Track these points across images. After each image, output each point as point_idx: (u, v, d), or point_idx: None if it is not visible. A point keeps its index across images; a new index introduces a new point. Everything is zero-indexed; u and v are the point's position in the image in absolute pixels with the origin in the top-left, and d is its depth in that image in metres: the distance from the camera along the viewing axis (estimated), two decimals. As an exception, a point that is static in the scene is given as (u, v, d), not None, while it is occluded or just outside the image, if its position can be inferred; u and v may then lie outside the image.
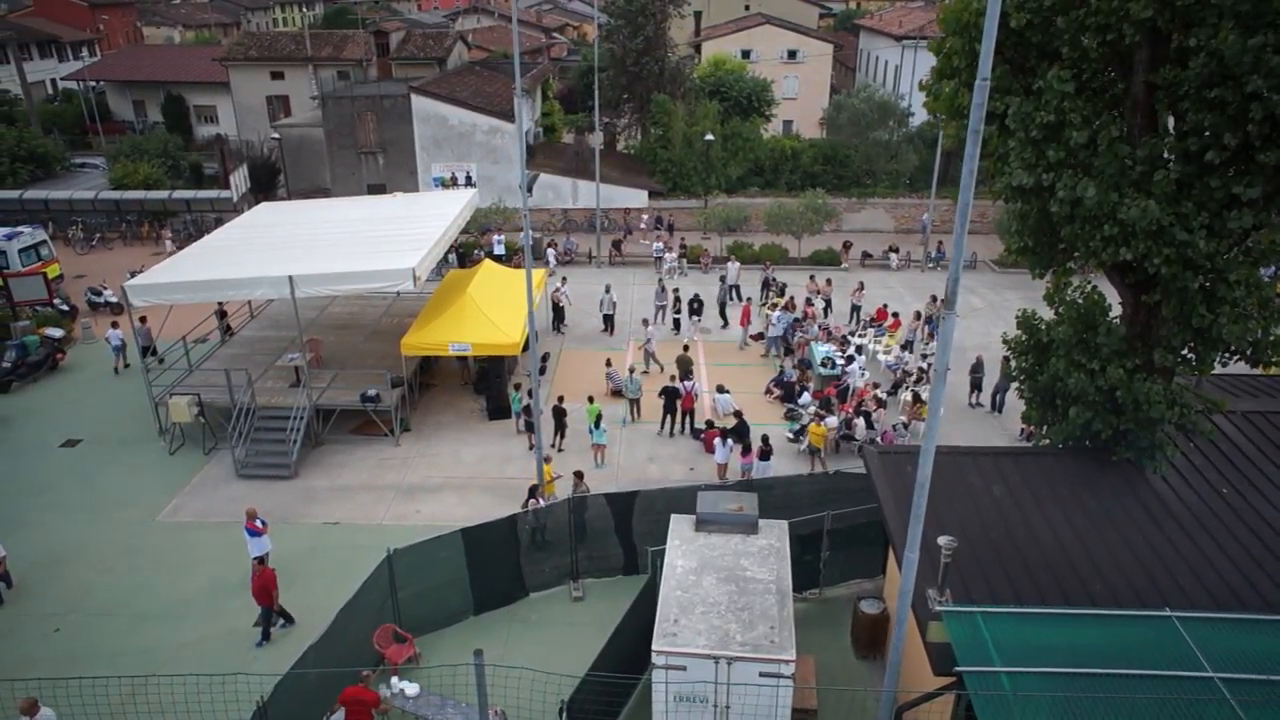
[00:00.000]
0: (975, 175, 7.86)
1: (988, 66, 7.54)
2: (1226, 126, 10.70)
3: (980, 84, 7.55)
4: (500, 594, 15.48)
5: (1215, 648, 9.75)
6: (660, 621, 11.58)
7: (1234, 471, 13.54)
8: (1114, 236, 11.88)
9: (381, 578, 13.97)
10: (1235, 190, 10.92)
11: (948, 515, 12.77)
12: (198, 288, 19.67)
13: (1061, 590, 11.45)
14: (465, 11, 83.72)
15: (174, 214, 37.71)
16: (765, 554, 12.86)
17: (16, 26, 75.34)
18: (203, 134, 55.44)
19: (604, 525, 15.83)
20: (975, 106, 7.58)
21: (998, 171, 13.25)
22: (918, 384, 22.63)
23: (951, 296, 8.40)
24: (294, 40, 46.24)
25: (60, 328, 26.26)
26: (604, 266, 34.50)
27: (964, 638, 10.06)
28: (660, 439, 21.35)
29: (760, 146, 38.95)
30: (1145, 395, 12.54)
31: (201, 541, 17.21)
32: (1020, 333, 14.65)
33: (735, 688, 11.16)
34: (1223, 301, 11.89)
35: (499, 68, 45.88)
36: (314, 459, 20.36)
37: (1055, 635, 10.14)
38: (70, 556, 16.84)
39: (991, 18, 7.37)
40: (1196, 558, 11.94)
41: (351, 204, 27.61)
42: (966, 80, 13.16)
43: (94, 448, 21.01)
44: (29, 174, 41.65)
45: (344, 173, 37.83)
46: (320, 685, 12.25)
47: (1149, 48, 11.74)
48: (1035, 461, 13.94)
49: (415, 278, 19.17)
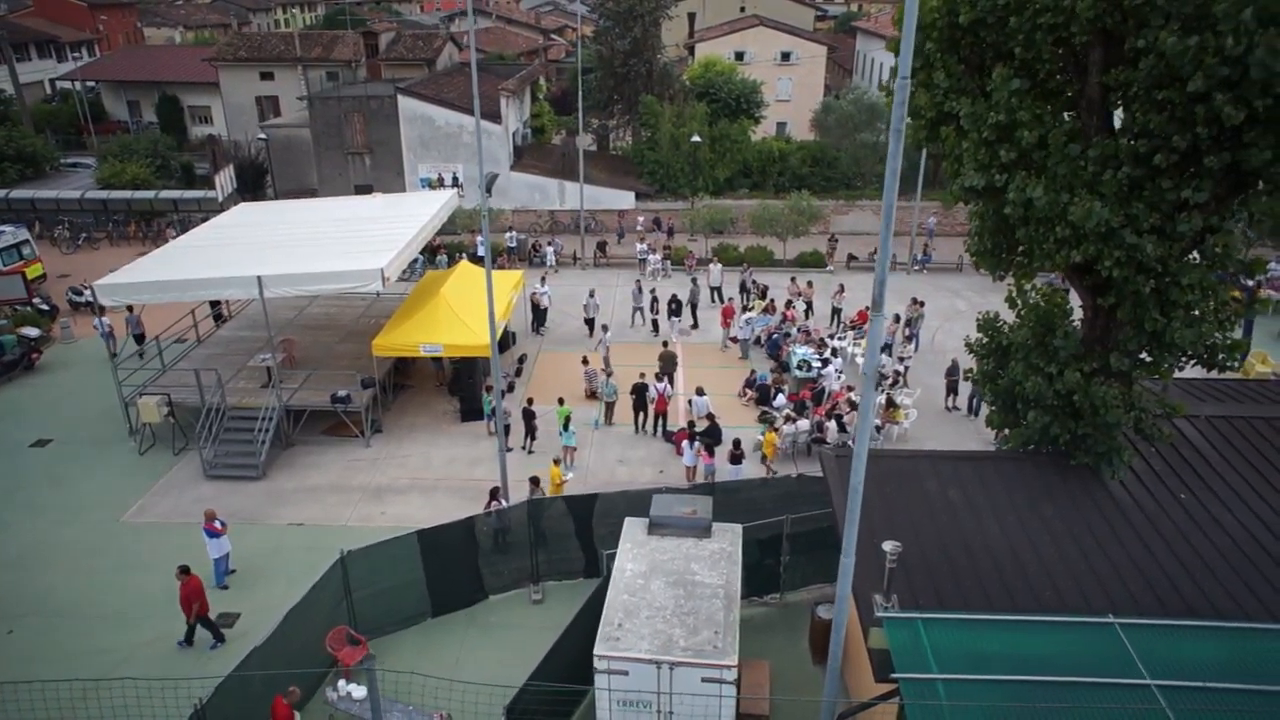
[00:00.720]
0: (898, 175, 7.77)
1: (907, 65, 7.45)
2: (1175, 129, 10.58)
3: (900, 82, 7.46)
4: (459, 596, 15.40)
5: (1155, 655, 9.63)
6: (604, 625, 11.51)
7: (1194, 477, 13.40)
8: (1066, 238, 11.77)
9: (334, 580, 13.91)
10: (1184, 193, 10.80)
11: (902, 520, 12.66)
12: (167, 287, 19.63)
13: (1010, 597, 11.33)
14: (463, 13, 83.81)
15: (161, 214, 37.70)
16: (716, 558, 12.76)
17: (15, 26, 75.60)
18: (197, 134, 55.54)
19: (564, 528, 15.74)
20: (896, 105, 7.49)
21: (954, 173, 13.15)
22: (893, 387, 22.50)
23: (878, 299, 8.30)
24: (284, 41, 46.30)
25: (38, 327, 26.25)
26: (589, 268, 34.42)
27: (902, 644, 9.94)
28: (631, 441, 21.26)
29: (749, 148, 38.86)
30: (1101, 399, 12.42)
31: (164, 543, 17.13)
32: (981, 335, 14.56)
33: (680, 693, 11.07)
34: (1175, 305, 11.78)
35: (490, 69, 45.85)
36: (284, 460, 20.30)
37: (996, 642, 10.02)
38: (32, 557, 16.80)
39: (910, 13, 7.27)
40: (1150, 565, 11.81)
41: (329, 204, 27.59)
42: (922, 80, 13.08)
43: (64, 448, 20.98)
44: (18, 173, 41.72)
45: (331, 174, 37.83)
46: (264, 688, 12.17)
47: (1102, 48, 11.64)
48: (994, 466, 13.81)
49: (384, 278, 19.11)
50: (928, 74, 12.90)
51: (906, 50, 7.35)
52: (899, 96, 7.43)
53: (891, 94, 13.73)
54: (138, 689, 11.91)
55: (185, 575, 14.24)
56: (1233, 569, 11.68)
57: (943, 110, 12.87)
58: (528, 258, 34.64)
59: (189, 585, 14.21)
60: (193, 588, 14.24)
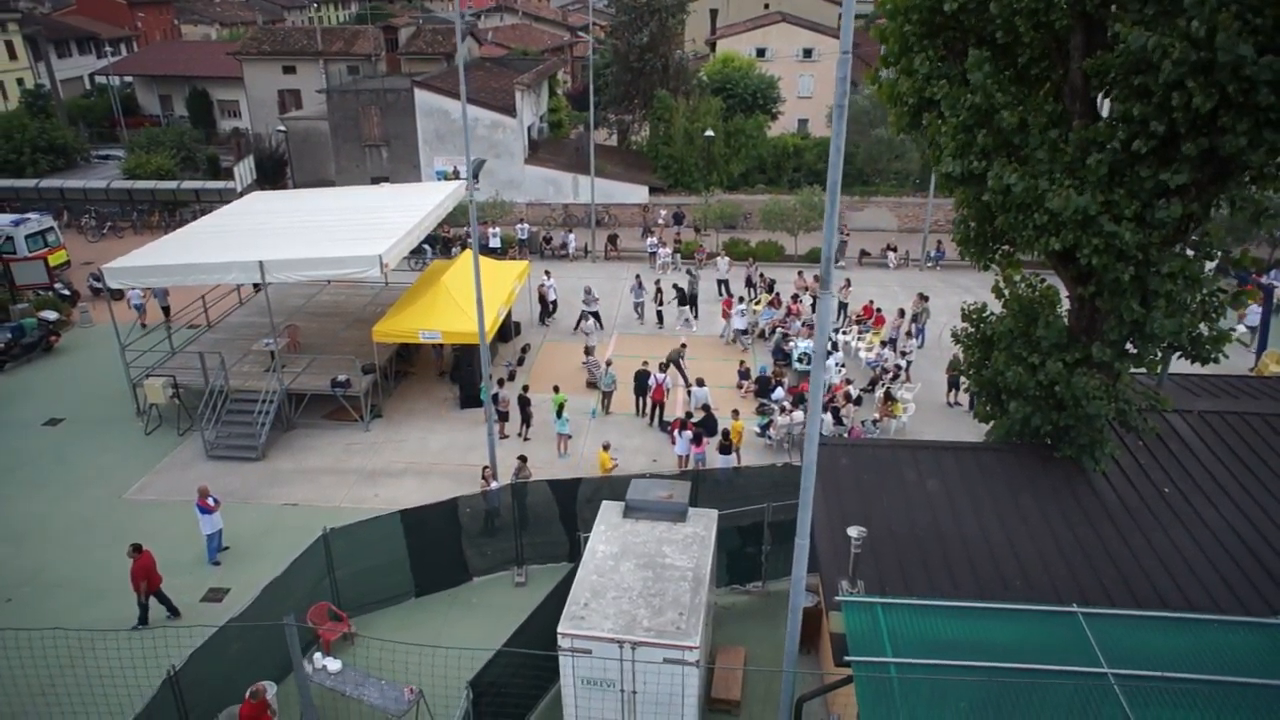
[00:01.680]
0: (842, 152, 7.74)
1: (848, 40, 7.41)
2: (1153, 114, 10.41)
3: (842, 57, 7.43)
4: (442, 577, 15.57)
5: (1115, 644, 9.50)
6: (570, 604, 11.58)
7: (1180, 472, 13.18)
8: (1045, 225, 11.63)
9: (317, 557, 14.13)
10: (1163, 179, 10.63)
11: (876, 508, 12.61)
12: (172, 271, 20.08)
13: (980, 586, 11.26)
14: (491, 10, 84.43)
15: (184, 204, 38.45)
16: (689, 542, 12.79)
17: (58, 24, 77.68)
18: (226, 128, 56.55)
19: (548, 512, 15.85)
20: (839, 80, 7.47)
21: (936, 159, 13.03)
22: (894, 381, 22.33)
23: (825, 276, 8.29)
24: (306, 35, 46.97)
25: (58, 311, 26.92)
26: (599, 261, 34.53)
27: (859, 628, 9.88)
28: (627, 431, 21.33)
29: (763, 144, 38.71)
30: (1083, 390, 12.25)
31: (162, 519, 17.52)
32: (967, 325, 14.43)
33: (641, 673, 11.12)
34: (1156, 294, 11.59)
35: (509, 64, 46.16)
36: (284, 442, 20.65)
37: (955, 628, 9.92)
38: (34, 531, 17.26)
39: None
40: (1125, 557, 11.66)
41: (338, 194, 28.00)
42: (904, 67, 12.99)
43: (75, 427, 21.52)
44: (49, 164, 42.81)
45: (348, 165, 38.32)
46: (239, 658, 12.42)
47: (1083, 34, 11.48)
48: (975, 457, 13.68)
49: (382, 265, 19.36)
50: (909, 60, 12.80)
51: (848, 23, 7.32)
52: (840, 73, 7.42)
53: (879, 84, 13.76)
54: (132, 648, 12.34)
55: (136, 553, 14.41)
56: (1210, 563, 11.50)
57: (924, 96, 12.76)
58: (539, 250, 34.84)
59: (139, 562, 14.38)
60: (142, 564, 14.40)
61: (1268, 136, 9.82)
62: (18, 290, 28.44)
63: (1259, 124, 9.78)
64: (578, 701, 11.54)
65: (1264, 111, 9.65)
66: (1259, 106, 9.59)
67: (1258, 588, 11.07)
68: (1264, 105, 9.53)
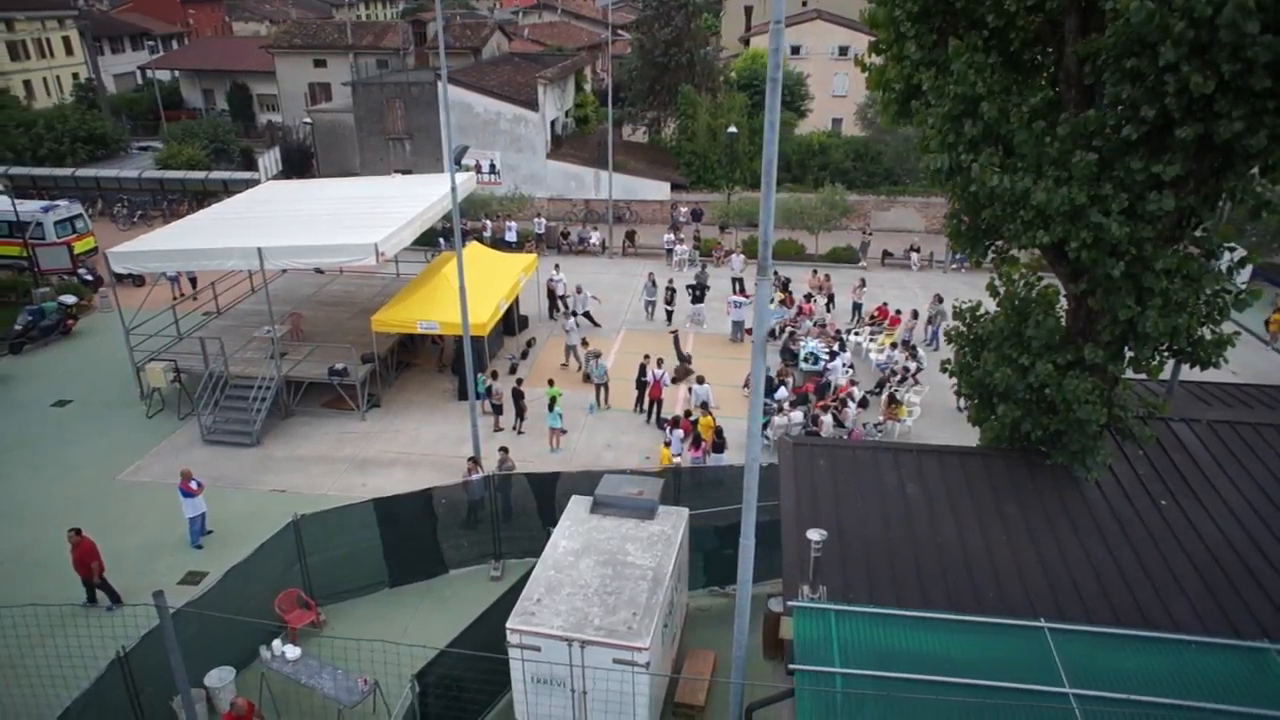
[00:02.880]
0: (777, 129, 7.29)
1: (781, 9, 6.97)
2: (1144, 99, 9.75)
3: (775, 28, 6.99)
4: (417, 568, 15.38)
5: (1081, 663, 8.90)
6: (522, 600, 11.30)
7: (1180, 483, 12.41)
8: (1032, 220, 11.01)
9: (286, 543, 14.02)
10: (1155, 169, 9.96)
11: (849, 512, 12.09)
12: (175, 256, 20.27)
13: (949, 597, 10.69)
14: (531, 8, 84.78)
15: (213, 194, 39.05)
16: (653, 541, 12.40)
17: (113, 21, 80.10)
18: (263, 121, 57.57)
19: (526, 505, 15.57)
20: (771, 52, 7.02)
21: (925, 149, 12.46)
22: (901, 384, 21.64)
23: (763, 262, 7.85)
24: (337, 29, 47.48)
25: (78, 296, 27.43)
26: (616, 257, 34.23)
27: (808, 635, 9.41)
28: (623, 427, 21.02)
29: (788, 141, 38.05)
30: (1074, 394, 11.59)
31: (150, 502, 17.63)
32: (958, 324, 13.80)
33: (592, 673, 10.77)
34: (1152, 293, 10.89)
35: (540, 60, 46.11)
36: (281, 429, 20.69)
37: (912, 640, 9.39)
38: (25, 509, 17.48)
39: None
40: (1110, 571, 10.98)
41: (347, 184, 28.11)
42: (894, 54, 12.46)
43: (81, 409, 21.84)
44: (88, 154, 43.90)
45: (372, 158, 38.57)
46: (196, 641, 12.30)
47: (1077, 15, 10.84)
48: (960, 462, 13.04)
49: (378, 253, 19.28)
50: (899, 45, 12.26)
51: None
52: (772, 44, 6.97)
53: (867, 70, 13.23)
54: (90, 630, 12.37)
55: (77, 537, 14.41)
56: (1202, 580, 10.78)
57: (912, 84, 12.21)
58: (557, 244, 34.65)
59: (81, 547, 14.38)
60: (85, 549, 14.41)
61: (1268, 121, 9.13)
62: (42, 274, 29.07)
63: (1256, 110, 9.09)
64: (528, 700, 11.23)
65: (1260, 97, 8.97)
66: (1255, 91, 8.91)
67: (1251, 608, 10.33)
68: (1259, 90, 8.85)
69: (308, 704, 12.44)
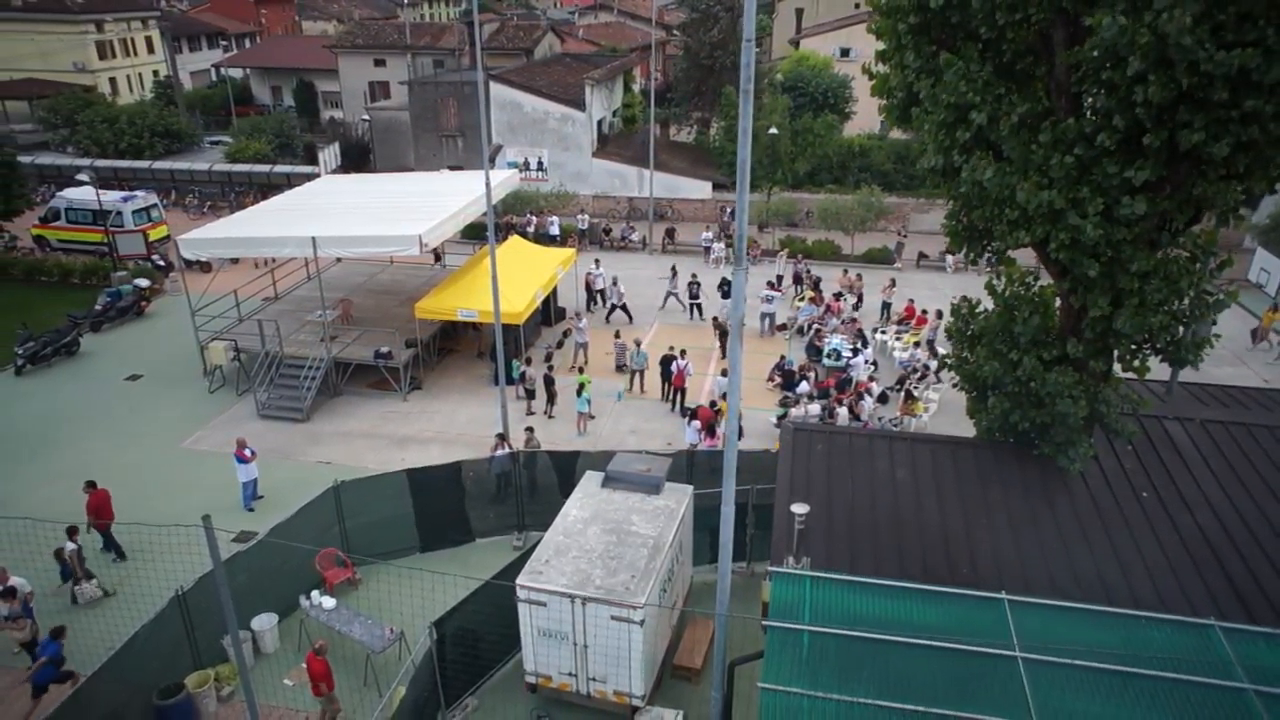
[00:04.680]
0: (750, 134, 8.20)
1: (751, 28, 7.88)
2: (1117, 108, 10.40)
3: (746, 44, 7.91)
4: (446, 536, 16.60)
5: (1035, 631, 9.58)
6: (532, 560, 12.38)
7: (1164, 477, 12.95)
8: (1016, 220, 11.70)
9: (327, 506, 15.36)
10: (1127, 174, 10.59)
11: (840, 492, 12.90)
12: (236, 244, 21.95)
13: (926, 572, 11.43)
14: (587, 9, 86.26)
15: (276, 186, 41.20)
16: (657, 513, 13.37)
17: (191, 21, 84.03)
18: (327, 117, 60.07)
19: (547, 481, 16.67)
20: (743, 66, 7.95)
21: (922, 152, 13.19)
22: (920, 381, 22.21)
23: (739, 252, 8.76)
24: (396, 30, 49.42)
25: (151, 280, 29.52)
26: (655, 253, 35.23)
27: (784, 598, 10.28)
28: (648, 414, 22.03)
29: (830, 143, 38.57)
30: (1055, 388, 12.23)
31: (208, 468, 19.24)
32: (955, 320, 14.47)
33: (593, 628, 11.80)
34: (1128, 293, 11.49)
35: (591, 60, 47.36)
36: (329, 407, 22.21)
37: (878, 606, 10.17)
38: (98, 470, 19.14)
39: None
40: (1083, 555, 11.63)
41: (399, 179, 29.67)
42: (896, 62, 13.20)
43: (150, 383, 23.71)
44: (164, 147, 46.61)
45: (426, 154, 40.24)
46: (247, 586, 13.68)
47: (1063, 28, 11.49)
48: (951, 451, 13.74)
49: (421, 244, 20.61)
50: (900, 55, 13.00)
51: (750, 12, 7.80)
52: (745, 59, 7.89)
53: (870, 74, 13.98)
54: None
55: (91, 489, 15.84)
56: (1171, 568, 11.36)
57: (913, 91, 12.95)
58: (599, 240, 35.80)
59: (94, 498, 15.78)
60: (95, 500, 15.80)
61: (1232, 130, 9.71)
62: (120, 260, 31.28)
63: (1218, 119, 9.68)
64: (535, 651, 12.32)
65: (1221, 108, 9.56)
66: (1215, 102, 9.51)
67: (1215, 596, 10.89)
68: (1218, 101, 9.45)
69: (341, 649, 13.72)
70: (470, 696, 13.02)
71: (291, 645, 14.17)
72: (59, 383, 23.74)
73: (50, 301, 28.92)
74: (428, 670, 11.96)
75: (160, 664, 12.35)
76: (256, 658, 13.80)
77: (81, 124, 46.14)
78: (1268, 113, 9.42)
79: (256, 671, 13.52)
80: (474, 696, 13.07)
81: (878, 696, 9.00)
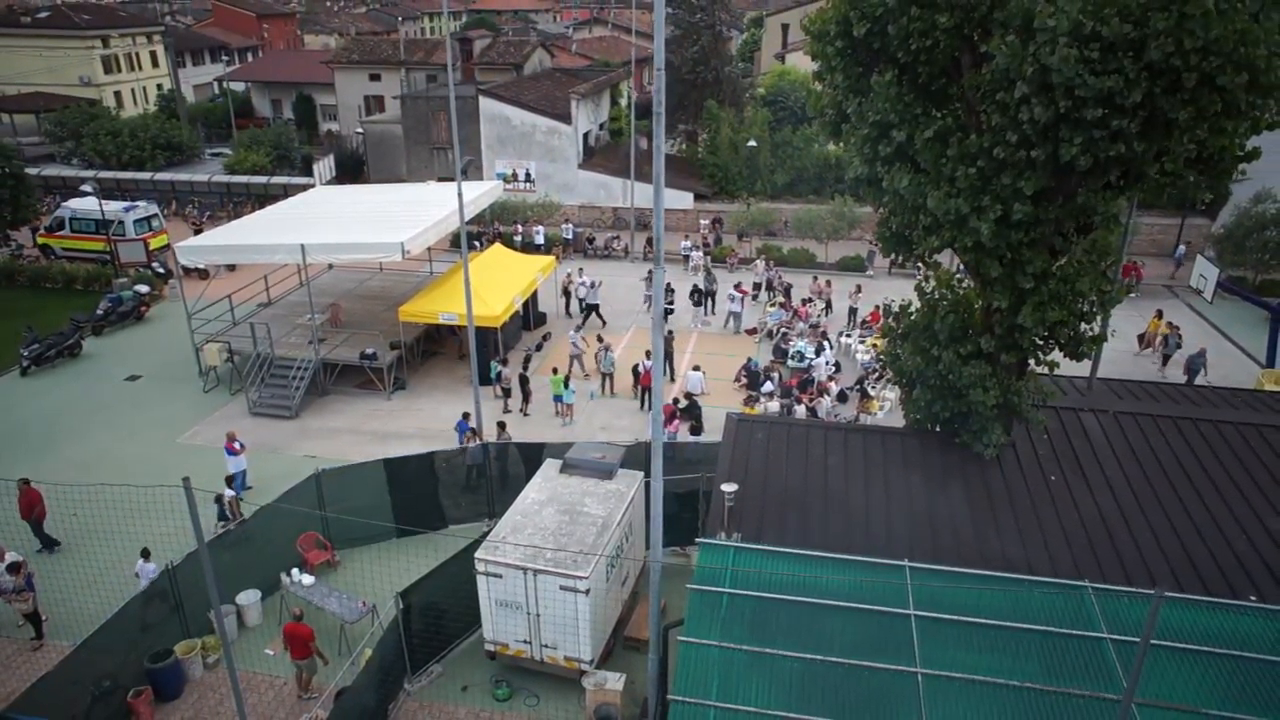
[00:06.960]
0: (664, 150, 9.42)
1: (661, 58, 9.11)
2: (1009, 125, 11.62)
3: (658, 73, 9.13)
4: (421, 523, 17.71)
5: (931, 594, 10.75)
6: (490, 537, 13.53)
7: (1073, 462, 14.10)
8: (929, 225, 12.91)
9: (308, 492, 16.54)
10: (1019, 185, 11.80)
11: (775, 476, 14.05)
12: (230, 250, 23.21)
13: (847, 543, 12.55)
14: (583, 23, 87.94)
15: (273, 197, 42.55)
16: (608, 496, 14.54)
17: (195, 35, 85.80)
18: (325, 130, 61.52)
19: (517, 471, 17.83)
20: (655, 92, 9.17)
21: (850, 164, 14.42)
22: (877, 381, 23.36)
23: (657, 253, 9.96)
24: (391, 45, 50.88)
25: (150, 286, 30.80)
26: (636, 261, 36.47)
27: (709, 564, 11.46)
28: (619, 412, 23.19)
29: (808, 155, 39.86)
30: (967, 380, 13.41)
31: (202, 461, 20.39)
32: (889, 320, 15.66)
33: (544, 598, 12.96)
34: (1028, 291, 12.68)
35: (581, 75, 48.77)
36: (317, 405, 23.42)
37: (794, 572, 11.34)
38: (99, 462, 20.45)
39: (658, 12, 8.94)
40: (988, 530, 12.78)
41: (387, 189, 30.97)
42: (830, 83, 14.44)
43: (149, 382, 24.95)
44: (166, 159, 47.99)
45: (418, 166, 41.58)
46: (233, 565, 14.85)
47: (970, 54, 12.73)
48: (882, 439, 14.90)
49: (404, 251, 21.85)
50: (832, 76, 14.25)
51: (659, 42, 9.02)
52: (656, 85, 9.12)
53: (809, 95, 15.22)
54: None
55: (25, 486, 16.71)
56: (1067, 541, 12.51)
57: (842, 109, 14.19)
58: (583, 249, 37.05)
59: (27, 495, 16.67)
60: (27, 498, 16.71)
61: (1103, 146, 10.93)
62: (121, 266, 32.59)
63: (1093, 137, 10.90)
64: (493, 621, 13.46)
65: (1094, 126, 10.78)
66: (1088, 121, 10.73)
67: (1101, 565, 12.03)
68: (1090, 120, 10.67)
69: (317, 621, 14.85)
70: (435, 664, 14.16)
71: (274, 620, 15.31)
72: (62, 382, 25.00)
73: (54, 306, 30.25)
74: (394, 635, 13.10)
75: (151, 636, 13.54)
76: (241, 630, 14.96)
77: (86, 137, 47.58)
78: (1131, 131, 10.64)
79: (241, 642, 14.71)
80: (439, 664, 14.21)
81: (783, 649, 10.16)
